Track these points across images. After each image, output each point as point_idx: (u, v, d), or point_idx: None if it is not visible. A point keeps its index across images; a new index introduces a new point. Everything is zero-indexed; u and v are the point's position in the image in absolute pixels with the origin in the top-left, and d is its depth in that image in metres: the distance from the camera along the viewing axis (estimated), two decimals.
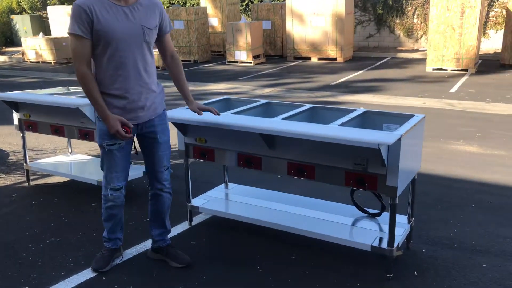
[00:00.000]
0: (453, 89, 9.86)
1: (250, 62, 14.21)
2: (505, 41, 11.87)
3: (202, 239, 3.58)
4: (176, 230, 3.72)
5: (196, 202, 3.75)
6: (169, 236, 3.35)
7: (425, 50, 14.97)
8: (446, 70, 11.76)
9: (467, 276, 3.03)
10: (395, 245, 2.95)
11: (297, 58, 14.66)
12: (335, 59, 13.97)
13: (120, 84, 2.85)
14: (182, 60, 15.08)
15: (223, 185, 4.12)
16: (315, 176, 3.03)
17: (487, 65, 12.13)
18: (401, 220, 3.34)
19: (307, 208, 3.58)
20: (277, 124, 3.00)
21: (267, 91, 10.39)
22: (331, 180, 2.99)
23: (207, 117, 3.25)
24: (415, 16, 15.36)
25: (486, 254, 3.30)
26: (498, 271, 3.09)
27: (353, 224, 3.31)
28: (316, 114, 3.50)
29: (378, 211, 3.38)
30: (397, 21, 15.64)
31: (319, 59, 14.23)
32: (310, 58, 14.39)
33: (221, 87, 10.98)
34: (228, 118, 3.22)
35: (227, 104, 3.96)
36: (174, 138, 5.64)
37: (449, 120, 7.52)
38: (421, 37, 15.42)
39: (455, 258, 3.25)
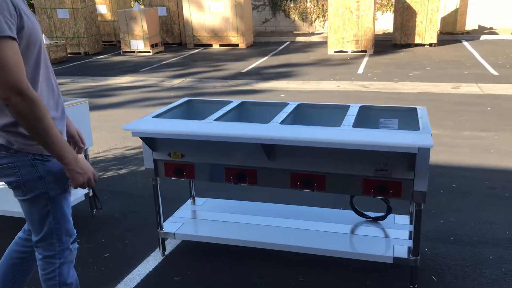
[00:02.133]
0: (360, 71, 10.04)
1: (149, 52, 13.22)
2: (395, 23, 12.42)
3: (186, 272, 2.97)
4: (149, 264, 3.06)
5: (169, 227, 3.11)
6: (143, 272, 2.68)
7: (321, 33, 15.23)
8: (347, 52, 12.00)
9: (483, 273, 2.85)
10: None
11: (197, 45, 13.98)
12: (237, 45, 13.57)
13: (58, 104, 2.03)
14: (71, 53, 13.57)
15: (189, 201, 3.51)
16: (325, 187, 2.60)
17: (381, 45, 12.62)
18: (402, 220, 3.06)
19: (298, 218, 3.16)
20: (281, 131, 2.51)
21: (176, 82, 9.68)
22: (345, 189, 2.59)
23: (189, 127, 2.64)
24: (308, 0, 15.50)
25: (485, 244, 3.18)
26: (507, 262, 2.96)
27: (357, 232, 2.96)
28: (305, 113, 3.06)
29: (380, 214, 3.07)
30: (291, 5, 15.66)
31: (221, 45, 13.71)
32: (211, 45, 13.80)
33: (124, 81, 9.99)
34: (214, 127, 2.64)
35: (189, 107, 3.33)
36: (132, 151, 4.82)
37: (370, 101, 7.55)
38: (315, 20, 15.63)
39: (460, 254, 3.07)
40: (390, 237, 2.85)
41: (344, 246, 2.80)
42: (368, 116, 2.99)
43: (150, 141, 2.78)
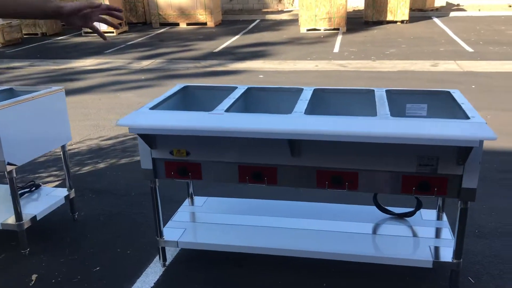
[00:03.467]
0: (336, 49, 9.72)
1: (112, 32, 12.41)
2: (366, 0, 12.12)
3: (193, 286, 2.56)
4: (149, 278, 2.62)
5: (170, 234, 2.68)
6: None
7: (291, 11, 14.77)
8: (320, 30, 11.63)
9: None
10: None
11: (163, 24, 13.25)
12: (206, 24, 12.94)
13: None
14: (27, 34, 12.57)
15: (187, 202, 3.08)
16: (358, 185, 2.24)
17: (352, 23, 12.32)
18: (430, 216, 2.76)
19: (313, 217, 2.80)
20: (309, 123, 2.12)
21: (145, 64, 9.06)
22: (381, 188, 2.24)
23: (198, 121, 2.20)
24: None
25: (503, 235, 2.93)
26: None
27: (383, 232, 2.63)
28: (325, 100, 2.67)
29: (407, 210, 2.75)
30: None
31: (189, 24, 13.05)
32: (178, 24, 13.11)
33: (88, 63, 9.27)
34: (228, 119, 2.21)
35: (187, 95, 2.88)
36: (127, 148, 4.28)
37: (351, 82, 7.25)
38: None
39: (487, 248, 2.81)
40: (423, 237, 2.54)
41: (373, 250, 2.47)
42: (393, 101, 2.63)
43: (149, 138, 2.33)
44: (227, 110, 2.36)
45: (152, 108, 2.44)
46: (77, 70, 8.73)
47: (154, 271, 2.69)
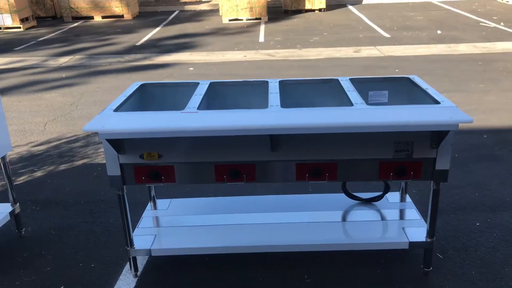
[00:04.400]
0: (261, 39, 9.76)
1: (19, 27, 11.44)
2: None
3: None
4: None
5: (140, 242, 2.52)
6: None
7: (210, 1, 14.56)
8: (242, 20, 11.60)
9: (481, 242, 2.78)
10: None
11: (76, 18, 12.45)
12: (122, 16, 12.36)
13: None
14: None
15: (149, 206, 2.92)
16: (337, 175, 2.26)
17: (272, 12, 12.43)
18: (395, 199, 2.86)
19: (283, 210, 2.78)
20: (289, 117, 2.08)
21: (63, 61, 8.48)
22: (360, 176, 2.27)
23: (171, 122, 2.07)
24: None
25: (465, 210, 3.14)
26: (495, 226, 2.94)
27: (356, 218, 2.68)
28: (293, 91, 2.63)
29: (374, 194, 2.82)
30: None
31: (104, 17, 12.38)
32: (92, 17, 12.39)
33: None
34: (203, 118, 2.11)
35: (146, 93, 2.71)
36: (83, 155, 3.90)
37: (284, 71, 7.34)
38: None
39: (449, 224, 2.98)
40: (394, 220, 2.63)
41: (350, 237, 2.51)
42: (356, 90, 2.67)
43: (117, 143, 2.16)
44: (199, 108, 2.25)
45: (116, 109, 2.27)
46: None
47: (126, 283, 2.52)
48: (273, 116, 2.10)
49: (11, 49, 9.60)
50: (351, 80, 2.64)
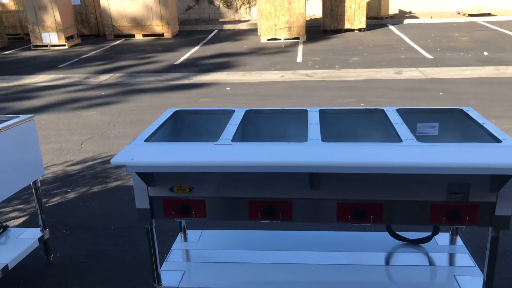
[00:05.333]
0: (299, 59, 9.64)
1: (64, 45, 11.79)
2: (324, 8, 12.17)
3: None
4: None
5: (168, 279, 2.37)
6: None
7: (248, 20, 14.63)
8: (280, 39, 11.54)
9: None
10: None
11: (118, 36, 12.73)
12: (163, 34, 12.55)
13: None
14: None
15: (180, 237, 2.78)
16: (383, 218, 2.05)
17: (311, 31, 12.32)
18: (445, 241, 2.61)
19: (322, 249, 2.58)
20: (331, 153, 1.90)
21: (104, 78, 8.61)
22: (408, 219, 2.05)
23: (204, 155, 1.93)
24: None
25: None
26: None
27: (401, 262, 2.45)
28: (335, 122, 2.46)
29: (420, 235, 2.58)
30: None
31: (145, 35, 12.60)
32: (133, 36, 12.63)
33: (42, 79, 8.70)
34: (237, 151, 1.96)
35: (179, 120, 2.59)
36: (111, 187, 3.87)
37: (321, 92, 7.15)
38: (240, 7, 14.96)
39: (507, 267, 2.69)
40: (444, 266, 2.38)
41: (395, 283, 2.28)
42: (403, 121, 2.46)
43: (147, 174, 2.04)
44: (234, 140, 2.10)
45: (147, 140, 2.15)
46: (30, 87, 8.15)
47: None
48: (313, 152, 1.92)
49: (55, 66, 9.86)
50: (398, 110, 2.43)
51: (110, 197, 3.86)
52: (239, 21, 14.64)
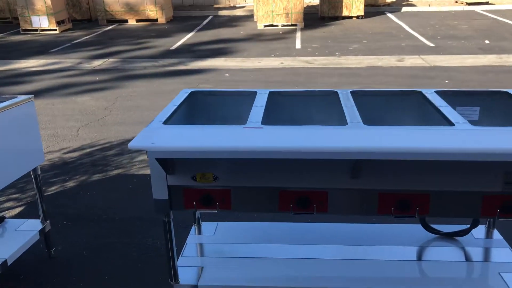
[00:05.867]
0: (298, 45, 9.39)
1: (55, 29, 11.37)
2: None
3: None
4: None
5: (186, 276, 2.15)
6: None
7: (244, 6, 14.29)
8: (277, 26, 11.25)
9: None
10: None
11: (110, 21, 12.32)
12: (156, 20, 12.17)
13: None
14: None
15: (193, 230, 2.55)
16: (429, 209, 1.84)
17: (308, 18, 12.02)
18: (481, 234, 2.42)
19: (350, 242, 2.37)
20: (376, 138, 1.68)
21: (97, 63, 8.28)
22: (457, 212, 1.85)
23: (233, 139, 1.70)
24: None
25: None
26: None
27: (439, 257, 2.25)
28: (365, 103, 2.23)
29: (456, 228, 2.39)
30: None
31: (138, 21, 12.22)
32: (127, 21, 12.24)
33: (33, 64, 8.35)
34: (270, 135, 1.73)
35: (197, 102, 2.35)
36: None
37: (323, 79, 6.93)
38: None
39: None
40: (486, 262, 2.19)
41: (436, 282, 2.08)
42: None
43: (167, 161, 1.80)
44: (264, 123, 1.87)
45: (166, 122, 1.91)
46: (21, 72, 7.80)
47: None
48: (357, 136, 1.70)
49: (46, 51, 9.49)
50: (438, 92, 2.22)
51: (111, 186, 3.61)
52: (235, 7, 14.30)
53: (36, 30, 11.38)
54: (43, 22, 11.26)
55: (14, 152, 2.35)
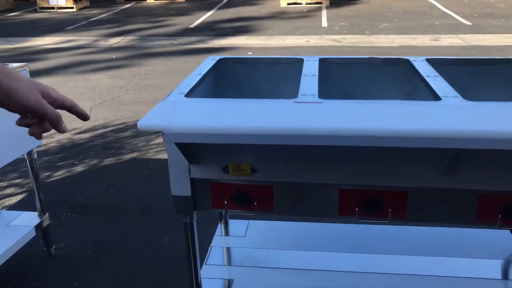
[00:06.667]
0: (324, 24, 8.77)
1: (72, 7, 10.93)
2: None
3: None
4: None
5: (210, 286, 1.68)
6: None
7: None
8: (301, 4, 10.62)
9: None
10: None
11: None
12: None
13: None
14: None
15: (220, 229, 2.07)
16: None
17: None
18: None
19: (418, 251, 1.87)
20: (485, 119, 1.17)
21: (114, 41, 7.82)
22: None
23: (289, 119, 1.20)
24: None
25: None
26: None
27: None
28: (448, 74, 1.70)
29: None
30: None
31: None
32: None
33: (48, 42, 7.93)
34: (338, 114, 1.22)
35: (224, 71, 1.85)
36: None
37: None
38: None
39: None
40: None
41: None
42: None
43: (191, 146, 1.31)
44: (323, 96, 1.36)
45: (188, 94, 1.41)
46: (35, 49, 7.38)
47: None
48: (461, 117, 1.18)
49: (62, 28, 9.07)
50: None
51: (125, 172, 3.16)
52: None
53: (53, 8, 10.95)
54: (60, 0, 10.82)
55: (4, 132, 1.89)
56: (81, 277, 2.11)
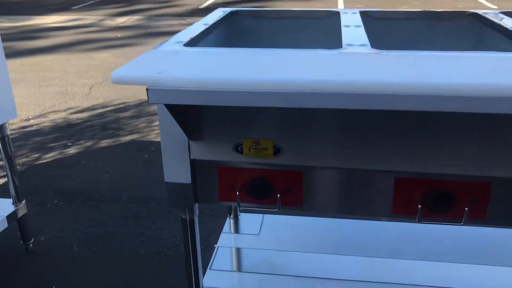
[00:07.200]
0: (340, 5, 8.32)
1: None
2: None
3: None
4: None
5: None
6: None
7: None
8: None
9: None
10: None
11: None
12: None
13: None
14: None
15: (228, 223, 1.69)
16: None
17: None
18: None
19: (455, 257, 1.48)
20: None
21: (121, 21, 7.43)
22: None
23: (314, 71, 0.81)
24: None
25: None
26: None
27: None
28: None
29: None
30: None
31: None
32: None
33: (53, 20, 7.55)
34: (409, 66, 0.83)
35: (237, 27, 1.45)
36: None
37: None
38: None
39: None
40: None
41: None
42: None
43: (191, 112, 0.93)
44: (376, 47, 0.96)
45: (189, 44, 1.02)
46: (38, 28, 7.01)
47: None
48: None
49: (68, 7, 8.69)
50: None
51: (122, 156, 2.79)
52: None
53: None
54: None
55: None
56: (61, 278, 1.75)
